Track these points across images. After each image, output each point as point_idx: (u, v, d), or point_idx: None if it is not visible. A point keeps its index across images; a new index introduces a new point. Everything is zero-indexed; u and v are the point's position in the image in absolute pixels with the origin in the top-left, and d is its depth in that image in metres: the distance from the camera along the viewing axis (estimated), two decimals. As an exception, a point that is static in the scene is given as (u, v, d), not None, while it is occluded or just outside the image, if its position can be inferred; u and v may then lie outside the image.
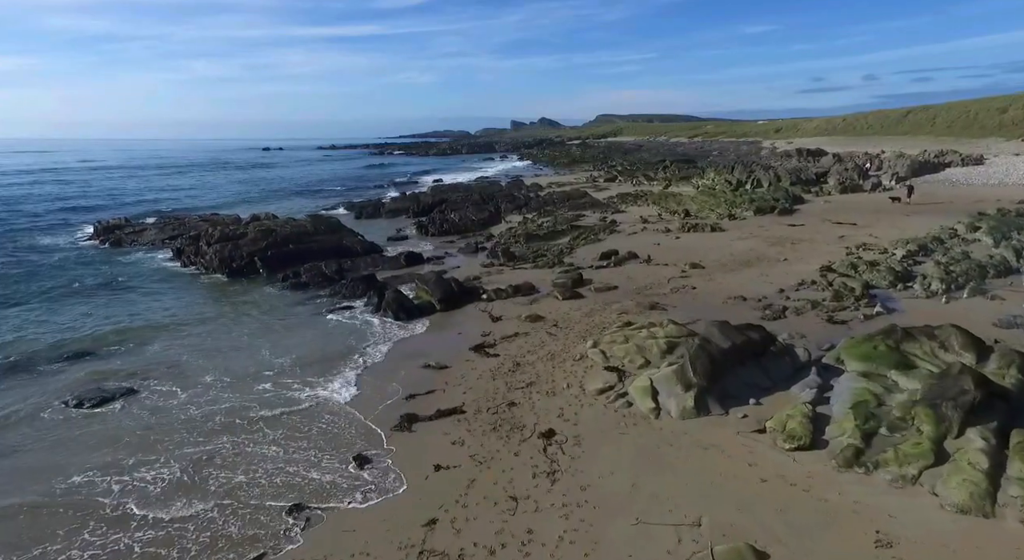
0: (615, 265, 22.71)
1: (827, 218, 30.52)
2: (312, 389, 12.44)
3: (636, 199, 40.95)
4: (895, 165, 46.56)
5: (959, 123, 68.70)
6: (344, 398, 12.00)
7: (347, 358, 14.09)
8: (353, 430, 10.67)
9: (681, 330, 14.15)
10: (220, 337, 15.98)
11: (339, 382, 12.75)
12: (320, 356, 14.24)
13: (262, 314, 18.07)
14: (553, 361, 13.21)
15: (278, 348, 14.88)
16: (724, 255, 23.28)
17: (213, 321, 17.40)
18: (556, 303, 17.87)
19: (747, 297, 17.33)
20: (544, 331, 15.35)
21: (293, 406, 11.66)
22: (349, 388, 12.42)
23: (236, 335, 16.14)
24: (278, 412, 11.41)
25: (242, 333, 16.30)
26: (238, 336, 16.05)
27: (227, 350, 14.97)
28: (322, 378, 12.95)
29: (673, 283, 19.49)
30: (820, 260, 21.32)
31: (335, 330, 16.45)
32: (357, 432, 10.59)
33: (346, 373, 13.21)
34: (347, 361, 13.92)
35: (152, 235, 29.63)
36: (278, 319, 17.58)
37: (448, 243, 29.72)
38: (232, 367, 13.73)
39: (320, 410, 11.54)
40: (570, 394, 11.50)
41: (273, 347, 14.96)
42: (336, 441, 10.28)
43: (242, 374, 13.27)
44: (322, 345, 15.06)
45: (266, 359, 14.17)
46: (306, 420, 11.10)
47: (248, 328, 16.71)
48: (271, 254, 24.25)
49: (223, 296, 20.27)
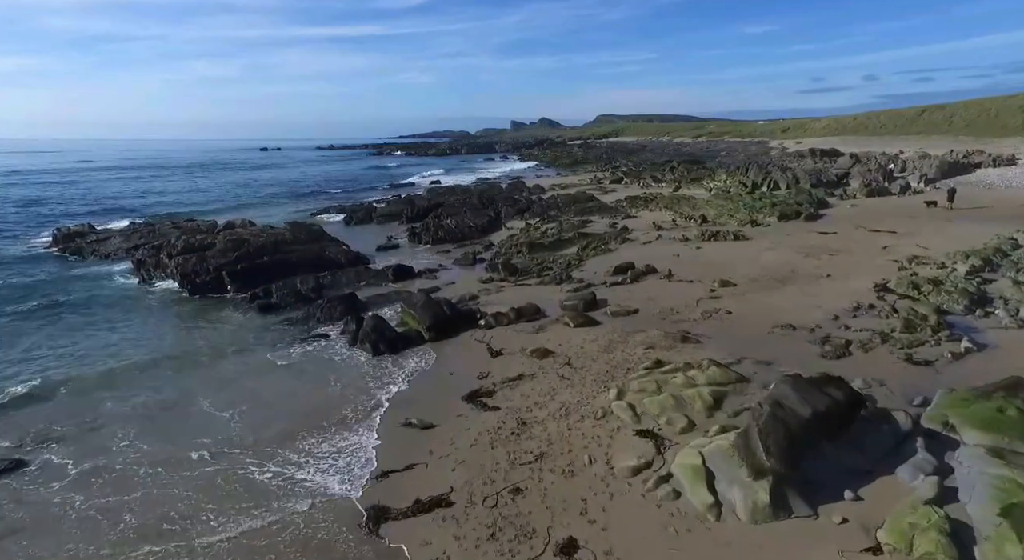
0: (632, 281, 19.86)
1: (860, 225, 27.65)
2: (255, 467, 9.51)
3: (647, 203, 38.08)
4: (921, 166, 43.68)
5: (979, 122, 65.81)
6: (303, 482, 9.11)
7: (307, 419, 11.06)
8: (303, 542, 7.83)
9: (726, 374, 11.36)
10: (158, 383, 13.05)
11: (293, 454, 9.85)
12: (273, 412, 11.37)
13: (217, 348, 15.13)
14: (568, 418, 10.36)
15: (226, 402, 11.93)
16: (755, 269, 20.43)
17: (155, 363, 14.34)
18: (567, 332, 15.03)
19: (796, 325, 14.47)
20: (554, 372, 12.50)
21: (227, 503, 8.64)
22: (305, 468, 9.48)
23: (178, 380, 13.18)
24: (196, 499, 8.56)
25: (186, 378, 13.31)
26: (181, 381, 13.10)
27: (161, 406, 11.95)
28: (270, 448, 10.06)
29: (703, 305, 16.64)
30: (868, 276, 18.49)
31: (301, 370, 13.54)
32: (313, 542, 7.75)
33: (305, 442, 10.26)
34: (308, 422, 10.92)
35: (116, 244, 26.80)
36: (235, 354, 14.66)
37: (443, 253, 26.92)
38: (162, 432, 10.79)
39: (263, 497, 8.69)
40: (594, 474, 8.64)
41: (220, 400, 12.02)
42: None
43: (171, 443, 10.34)
44: (279, 395, 12.16)
45: (206, 420, 11.22)
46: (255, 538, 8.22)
47: (195, 372, 13.72)
48: (242, 268, 21.43)
49: (178, 322, 17.33)
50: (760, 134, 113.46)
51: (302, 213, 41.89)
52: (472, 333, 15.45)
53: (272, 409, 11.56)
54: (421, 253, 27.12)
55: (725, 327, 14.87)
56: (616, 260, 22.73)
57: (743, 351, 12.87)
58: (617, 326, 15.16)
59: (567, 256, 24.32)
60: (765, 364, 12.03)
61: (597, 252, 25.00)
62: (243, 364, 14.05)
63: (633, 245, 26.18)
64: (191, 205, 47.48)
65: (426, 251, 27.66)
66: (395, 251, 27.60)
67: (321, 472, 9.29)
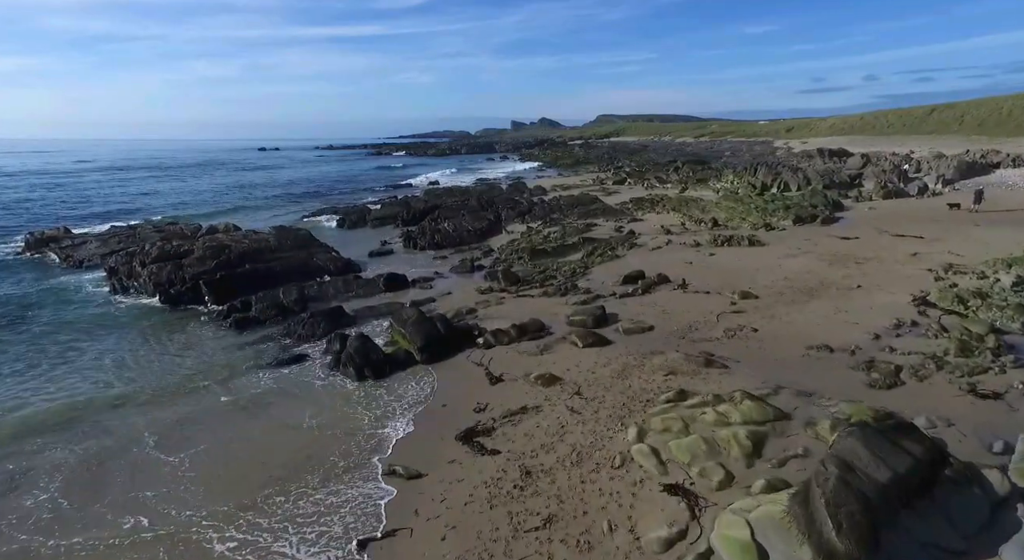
0: (643, 292, 18.25)
1: (883, 229, 26.04)
2: (213, 534, 7.85)
3: (653, 205, 36.49)
4: (937, 166, 42.07)
5: (991, 121, 64.16)
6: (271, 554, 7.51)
7: (275, 468, 9.30)
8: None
9: (763, 410, 9.77)
10: (104, 421, 11.13)
11: (260, 517, 8.22)
12: (235, 459, 9.70)
13: (182, 375, 13.34)
14: (581, 466, 8.75)
15: (179, 445, 10.17)
16: (777, 279, 18.82)
17: (105, 395, 12.27)
18: (575, 353, 13.41)
19: (833, 347, 12.85)
20: (563, 403, 10.89)
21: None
22: (275, 535, 7.84)
23: (128, 417, 11.25)
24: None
25: (138, 415, 11.33)
26: (132, 418, 11.19)
27: (100, 453, 9.98)
28: (228, 506, 8.41)
29: (725, 321, 15.03)
30: (903, 287, 16.89)
31: (271, 403, 11.81)
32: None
33: (271, 500, 8.61)
34: (274, 476, 9.10)
35: (91, 249, 25.17)
36: (200, 381, 12.91)
37: (440, 259, 25.34)
38: (95, 486, 9.00)
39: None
40: (616, 547, 7.04)
41: (172, 443, 10.24)
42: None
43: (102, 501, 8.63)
44: (244, 437, 10.47)
45: (152, 470, 9.46)
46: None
47: (150, 407, 11.71)
48: (221, 277, 19.81)
49: (142, 343, 15.45)
50: (764, 134, 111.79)
51: (294, 215, 40.37)
52: (469, 353, 13.85)
53: (235, 455, 9.89)
54: (416, 260, 25.52)
55: (752, 348, 13.25)
56: (624, 268, 21.17)
57: (777, 378, 11.28)
58: (631, 346, 13.55)
59: (572, 263, 22.72)
60: (805, 395, 10.42)
61: (603, 259, 23.41)
62: (207, 395, 12.28)
63: (642, 251, 24.60)
64: (181, 208, 45.87)
65: (422, 257, 26.07)
66: (389, 257, 26.00)
67: (290, 539, 7.67)
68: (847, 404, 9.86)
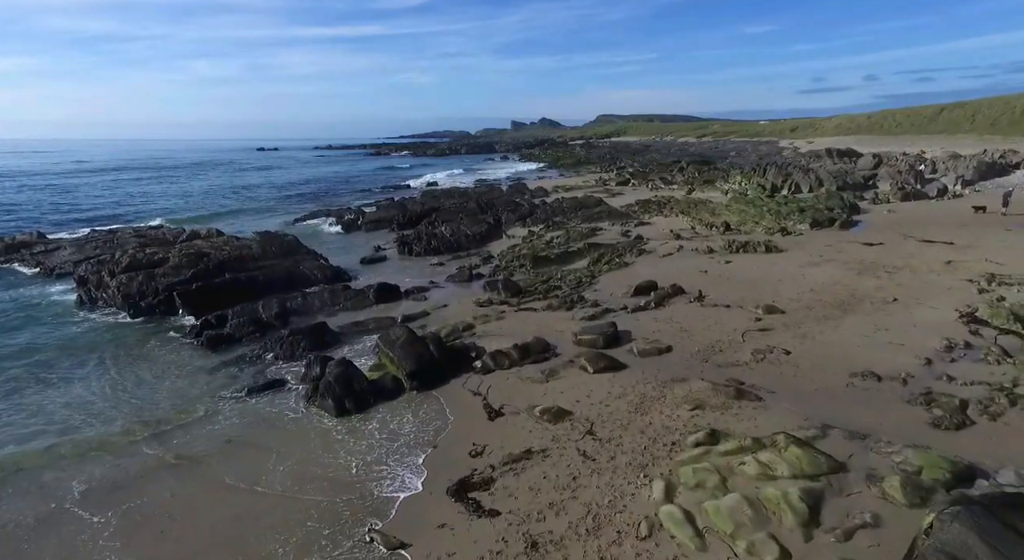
0: (657, 306, 16.67)
1: (907, 234, 24.48)
2: None
3: (660, 207, 34.91)
4: (955, 167, 40.50)
5: (1004, 120, 62.53)
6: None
7: (231, 542, 7.60)
8: None
9: (813, 459, 8.23)
10: (29, 480, 9.24)
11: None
12: (183, 533, 8.06)
13: (133, 410, 11.50)
14: (599, 536, 7.18)
15: (108, 508, 8.43)
16: (802, 291, 17.25)
17: (36, 441, 10.32)
18: (584, 379, 11.84)
19: (880, 374, 11.27)
20: (573, 446, 9.31)
21: None
22: None
23: (63, 469, 9.43)
24: None
25: (73, 469, 9.40)
26: (68, 472, 9.35)
27: (16, 522, 8.18)
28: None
29: (751, 341, 13.46)
30: (945, 301, 15.33)
31: (235, 444, 10.19)
32: None
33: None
34: (227, 551, 7.43)
35: (64, 256, 23.60)
36: (151, 415, 11.23)
37: (436, 266, 23.78)
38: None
39: None
40: None
41: (103, 507, 8.46)
42: None
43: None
44: (193, 502, 8.74)
45: (67, 546, 7.72)
46: None
47: (90, 460, 9.72)
48: (198, 287, 18.25)
49: (98, 368, 13.60)
50: (768, 133, 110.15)
51: (285, 218, 38.81)
52: (466, 379, 12.27)
53: (177, 520, 8.28)
54: (411, 267, 23.95)
55: (787, 374, 11.67)
56: (634, 277, 19.61)
57: (821, 413, 9.72)
58: (648, 371, 11.97)
59: (577, 272, 21.15)
60: (859, 438, 8.85)
61: (611, 266, 21.83)
62: (154, 442, 10.36)
63: (651, 258, 23.03)
64: (171, 211, 44.29)
65: (417, 264, 24.51)
66: (381, 265, 24.43)
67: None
68: (912, 451, 8.29)
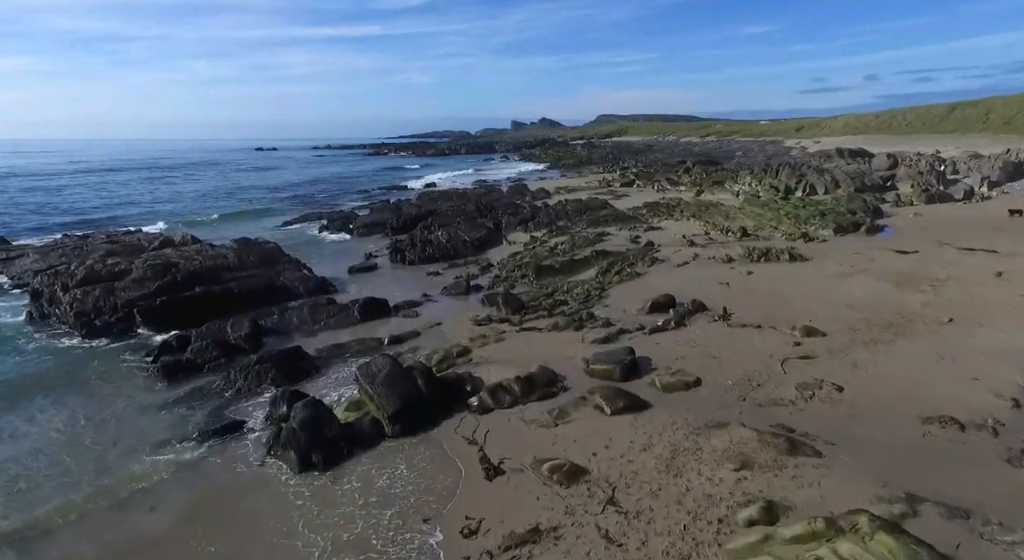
0: (677, 325, 14.73)
1: (941, 240, 22.51)
2: None
3: (669, 210, 32.95)
4: (978, 166, 38.56)
5: (1020, 118, 60.56)
6: None
7: None
8: None
9: (912, 553, 6.25)
10: None
11: None
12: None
13: (54, 467, 9.48)
14: None
15: None
16: (839, 307, 15.31)
17: None
18: (601, 423, 9.89)
19: (961, 420, 9.32)
20: (592, 521, 7.37)
21: None
22: None
23: None
24: None
25: None
26: None
27: None
28: None
29: (794, 372, 11.51)
30: (1010, 321, 13.42)
31: (166, 509, 8.18)
32: None
33: None
34: None
35: (26, 264, 21.65)
36: (72, 473, 9.18)
37: (431, 275, 21.85)
38: None
39: None
40: None
41: None
42: None
43: None
44: None
45: None
46: None
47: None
48: (162, 303, 16.35)
49: (29, 407, 11.50)
50: (773, 133, 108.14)
51: (275, 221, 36.88)
52: (459, 422, 10.32)
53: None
54: (403, 277, 22.03)
55: (843, 418, 9.72)
56: (648, 289, 17.68)
57: (899, 476, 7.79)
58: (676, 411, 10.02)
59: (584, 283, 19.21)
60: (961, 516, 6.92)
61: (622, 277, 19.88)
62: (43, 542, 8.13)
63: (665, 267, 21.09)
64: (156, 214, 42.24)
65: (410, 273, 22.59)
66: (371, 275, 22.49)
67: None
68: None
